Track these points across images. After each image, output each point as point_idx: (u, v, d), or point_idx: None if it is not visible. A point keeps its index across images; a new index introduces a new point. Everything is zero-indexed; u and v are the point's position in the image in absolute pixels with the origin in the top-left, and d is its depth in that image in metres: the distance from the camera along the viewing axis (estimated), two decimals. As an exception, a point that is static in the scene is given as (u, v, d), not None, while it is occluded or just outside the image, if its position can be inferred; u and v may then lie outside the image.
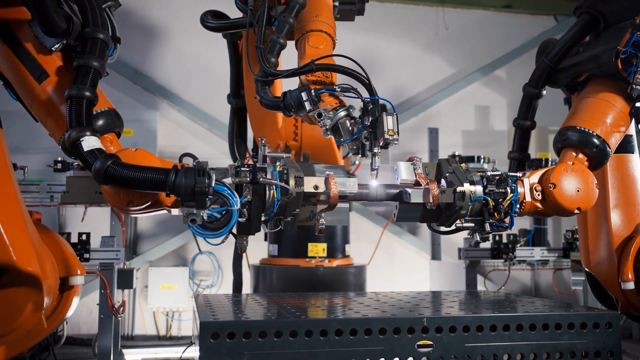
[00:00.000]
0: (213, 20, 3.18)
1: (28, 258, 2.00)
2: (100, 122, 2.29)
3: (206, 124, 6.09)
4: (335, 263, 4.24)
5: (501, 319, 2.20)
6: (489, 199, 2.43)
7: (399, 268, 6.48)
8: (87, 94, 2.13)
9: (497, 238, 4.59)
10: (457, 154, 5.21)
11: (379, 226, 6.26)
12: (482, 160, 5.12)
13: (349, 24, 6.56)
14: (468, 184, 2.41)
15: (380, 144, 2.37)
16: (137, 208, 2.16)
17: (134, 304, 5.87)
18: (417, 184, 2.46)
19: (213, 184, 2.00)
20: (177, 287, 5.71)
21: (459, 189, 2.39)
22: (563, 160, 2.71)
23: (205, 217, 2.07)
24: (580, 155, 2.70)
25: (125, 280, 4.21)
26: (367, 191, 2.45)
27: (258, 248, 4.79)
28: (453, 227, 2.58)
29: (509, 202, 2.44)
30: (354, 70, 2.50)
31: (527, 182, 2.53)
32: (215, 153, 5.96)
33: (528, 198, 2.50)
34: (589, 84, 2.86)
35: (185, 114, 6.09)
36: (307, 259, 4.16)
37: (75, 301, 2.42)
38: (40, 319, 2.10)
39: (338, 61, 2.69)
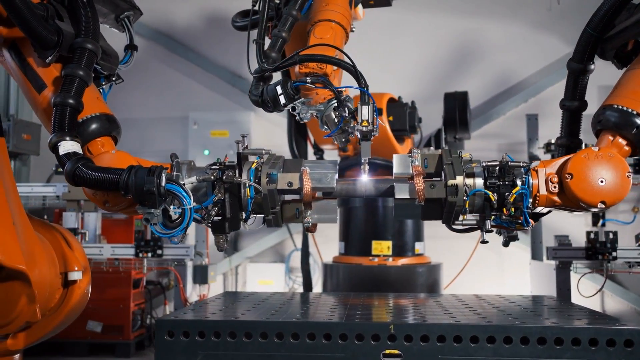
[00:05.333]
0: (240, 19, 3.20)
1: (13, 255, 2.14)
2: (92, 127, 2.40)
3: (301, 122, 6.16)
4: (401, 262, 4.03)
5: (484, 329, 1.93)
6: (490, 193, 2.14)
7: (509, 269, 5.97)
8: (71, 101, 2.25)
9: (591, 236, 4.02)
10: (553, 142, 4.66)
11: (486, 222, 5.83)
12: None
13: (449, 9, 6.26)
14: (462, 176, 2.14)
15: (360, 136, 2.22)
16: (116, 208, 2.24)
17: (236, 298, 6.13)
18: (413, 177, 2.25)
19: (163, 184, 2.01)
20: (273, 283, 5.84)
21: (450, 182, 2.13)
22: (599, 145, 2.30)
23: (174, 215, 2.10)
24: (621, 140, 2.26)
25: (201, 275, 4.41)
26: (353, 186, 2.29)
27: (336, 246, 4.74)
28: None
29: (514, 195, 2.13)
30: (340, 59, 2.35)
31: (542, 172, 2.18)
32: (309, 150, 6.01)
33: (543, 191, 2.15)
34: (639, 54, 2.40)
35: (280, 113, 6.21)
36: (371, 258, 4.02)
37: (85, 294, 2.56)
38: (35, 311, 2.25)
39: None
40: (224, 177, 2.13)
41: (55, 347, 5.32)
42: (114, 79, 2.76)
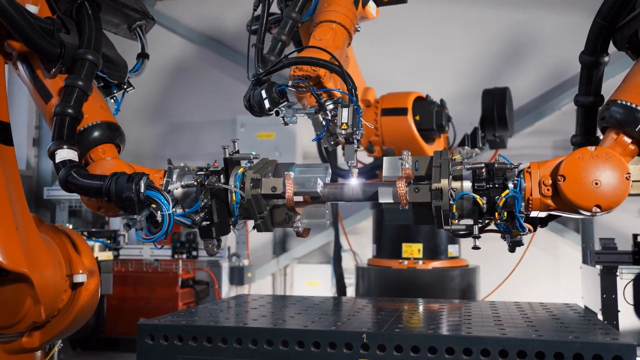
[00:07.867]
0: (253, 24, 3.21)
1: (15, 259, 2.27)
2: (94, 135, 2.49)
3: (348, 123, 6.12)
4: (432, 265, 3.92)
5: (460, 341, 1.84)
6: (477, 197, 2.04)
7: (565, 272, 5.66)
8: (70, 111, 2.34)
9: (638, 239, 3.73)
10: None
11: (538, 224, 5.56)
12: None
13: (499, 1, 6.01)
14: (447, 179, 2.06)
15: (342, 140, 2.18)
16: (110, 214, 2.33)
17: (284, 299, 6.19)
18: (403, 180, 2.18)
19: (142, 190, 2.06)
20: (320, 284, 5.85)
21: (434, 185, 2.05)
22: (602, 144, 2.14)
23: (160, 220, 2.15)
24: (625, 138, 2.08)
25: (238, 276, 4.49)
26: (341, 191, 2.25)
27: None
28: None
29: (504, 199, 2.02)
30: (327, 61, 2.32)
31: (536, 174, 2.06)
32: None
33: (536, 194, 2.03)
34: (652, 44, 2.20)
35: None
36: (400, 261, 3.93)
37: (93, 296, 2.66)
38: (40, 312, 2.38)
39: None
40: (207, 183, 2.16)
41: (112, 343, 5.60)
42: (125, 87, 2.84)
